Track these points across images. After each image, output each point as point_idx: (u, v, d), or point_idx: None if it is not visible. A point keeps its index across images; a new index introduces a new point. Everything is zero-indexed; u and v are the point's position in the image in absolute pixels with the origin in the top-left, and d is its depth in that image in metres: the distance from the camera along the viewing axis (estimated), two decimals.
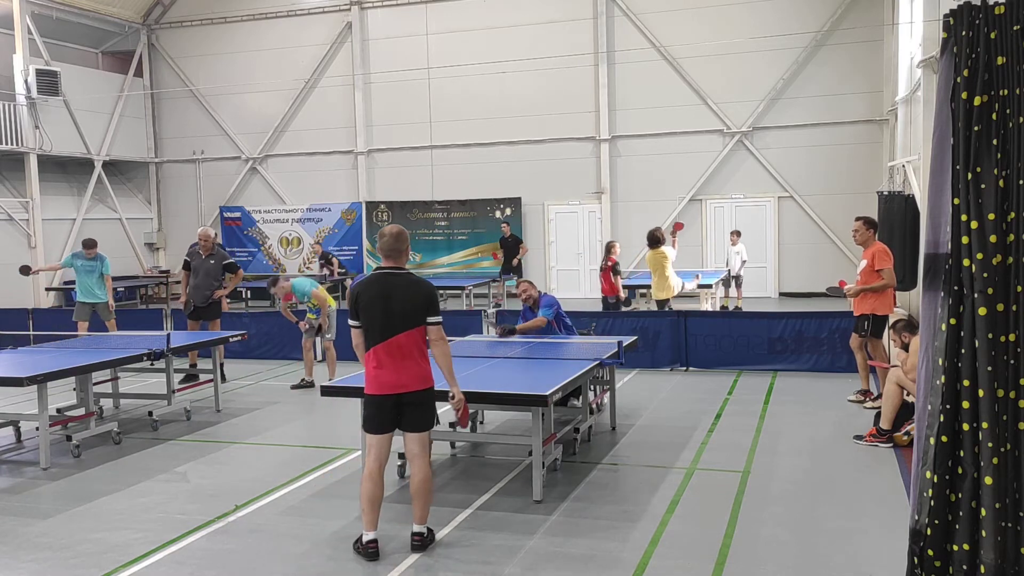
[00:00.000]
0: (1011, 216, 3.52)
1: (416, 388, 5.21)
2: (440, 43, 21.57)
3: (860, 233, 8.95)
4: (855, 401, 9.13)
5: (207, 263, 11.30)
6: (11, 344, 10.32)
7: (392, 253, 5.28)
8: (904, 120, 16.14)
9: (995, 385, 3.54)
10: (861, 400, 9.09)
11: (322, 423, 9.20)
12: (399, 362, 5.16)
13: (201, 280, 11.30)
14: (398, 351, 5.15)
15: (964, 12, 3.53)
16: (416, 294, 5.20)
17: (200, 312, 11.35)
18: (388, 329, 5.15)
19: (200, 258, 11.34)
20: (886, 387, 7.58)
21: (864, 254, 8.90)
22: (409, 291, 5.20)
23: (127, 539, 5.71)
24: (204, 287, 11.31)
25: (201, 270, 11.30)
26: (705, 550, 5.30)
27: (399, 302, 5.16)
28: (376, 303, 5.17)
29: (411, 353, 5.18)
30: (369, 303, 5.19)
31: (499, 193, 21.49)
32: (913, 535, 3.75)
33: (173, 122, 24.30)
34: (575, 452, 7.49)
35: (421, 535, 5.34)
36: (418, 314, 5.19)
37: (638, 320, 11.85)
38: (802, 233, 19.75)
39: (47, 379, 7.41)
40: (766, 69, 19.63)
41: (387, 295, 5.16)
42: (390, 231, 5.29)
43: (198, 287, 11.31)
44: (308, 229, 23.10)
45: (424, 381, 5.26)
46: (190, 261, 11.41)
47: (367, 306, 5.20)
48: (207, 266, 11.32)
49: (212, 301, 11.36)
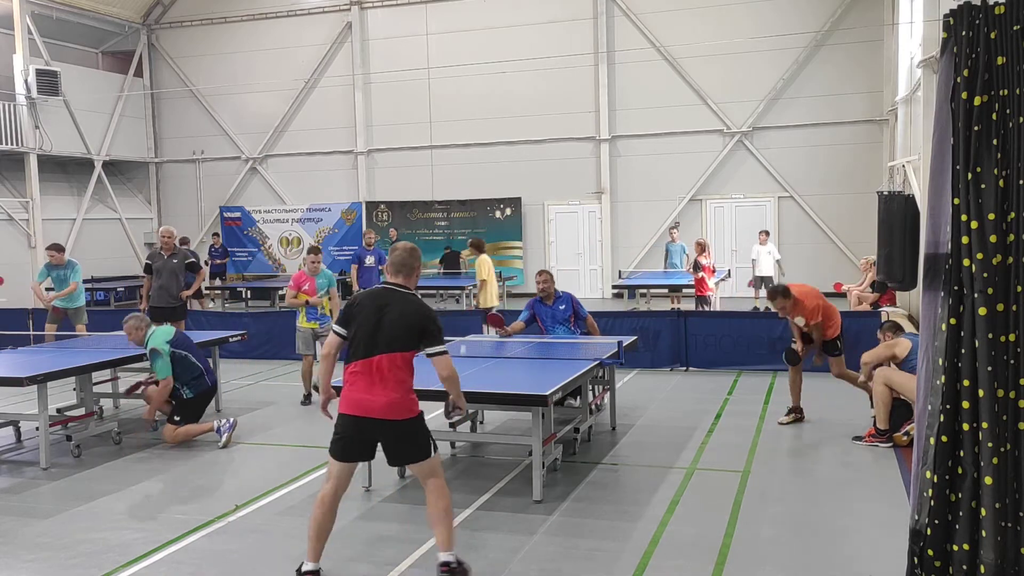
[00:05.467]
0: (1011, 216, 3.52)
1: (388, 417, 4.72)
2: (440, 43, 21.57)
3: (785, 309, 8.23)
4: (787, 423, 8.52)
5: (170, 263, 11.05)
6: (11, 344, 10.31)
7: (402, 268, 4.89)
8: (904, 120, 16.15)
9: (995, 385, 3.54)
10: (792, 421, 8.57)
11: (322, 423, 9.16)
12: (374, 384, 4.71)
13: (166, 280, 11.03)
14: (376, 373, 4.72)
15: (964, 12, 3.53)
16: (415, 315, 4.80)
17: (166, 314, 10.81)
18: (374, 346, 4.73)
19: (162, 259, 11.08)
20: (875, 388, 7.60)
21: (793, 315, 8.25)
22: (408, 312, 4.79)
23: (127, 539, 5.71)
24: (169, 287, 11.04)
25: (164, 271, 11.03)
26: (705, 550, 5.30)
27: (394, 322, 4.74)
28: (370, 316, 4.77)
29: (388, 379, 4.72)
30: (367, 315, 4.79)
31: (499, 193, 21.49)
32: (913, 535, 3.75)
33: (173, 122, 24.30)
34: (575, 452, 7.49)
35: (449, 564, 4.78)
36: (409, 337, 4.77)
37: (638, 320, 11.86)
38: (802, 233, 19.74)
39: (47, 379, 7.42)
40: (766, 69, 19.63)
41: (382, 311, 4.77)
42: (404, 246, 4.95)
43: (163, 288, 11.00)
44: (308, 229, 23.10)
45: (401, 410, 4.76)
46: (151, 264, 11.10)
47: (362, 318, 4.80)
48: (171, 266, 11.08)
49: (179, 302, 11.14)
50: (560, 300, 8.78)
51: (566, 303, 8.78)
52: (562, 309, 8.73)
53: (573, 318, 8.77)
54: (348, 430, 4.80)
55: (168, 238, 11.14)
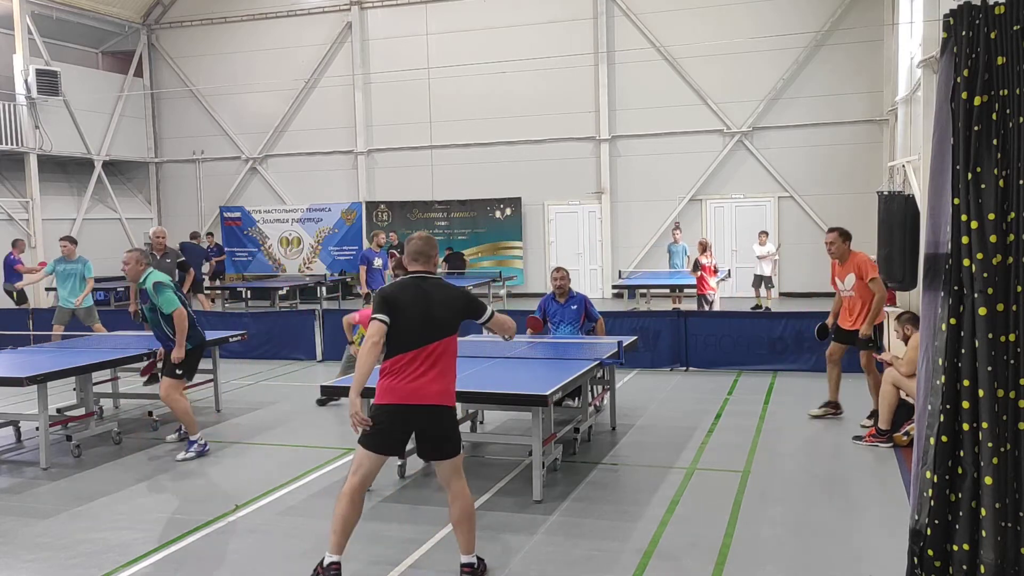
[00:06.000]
0: (1011, 216, 3.51)
1: (440, 403, 4.79)
2: (440, 43, 21.57)
3: (837, 245, 8.16)
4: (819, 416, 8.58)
5: (163, 264, 10.96)
6: (11, 344, 10.31)
7: (420, 257, 4.96)
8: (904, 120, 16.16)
9: (995, 385, 3.54)
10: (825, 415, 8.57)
11: (322, 423, 9.19)
12: (428, 371, 4.74)
13: None
14: (431, 359, 4.76)
15: (964, 12, 3.53)
16: (456, 298, 4.95)
17: None
18: (427, 335, 4.76)
19: (155, 259, 10.98)
20: (882, 387, 7.58)
21: (845, 267, 8.15)
22: (449, 296, 4.93)
23: (127, 539, 5.71)
24: None
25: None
26: (705, 550, 5.29)
27: (440, 307, 4.83)
28: (417, 304, 4.78)
29: (440, 363, 4.80)
30: (409, 305, 4.78)
31: (499, 193, 21.49)
32: (913, 535, 3.75)
33: (173, 122, 24.30)
34: (575, 452, 7.49)
35: (472, 566, 4.86)
36: (457, 320, 4.92)
37: (638, 320, 11.86)
38: (802, 233, 19.74)
39: (47, 379, 7.41)
40: (766, 69, 19.63)
41: (429, 298, 4.82)
42: (420, 235, 5.05)
43: None
44: (308, 229, 23.11)
45: (450, 397, 4.88)
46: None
47: (406, 307, 4.77)
48: (163, 266, 10.99)
49: None
50: (573, 300, 8.78)
51: (579, 304, 8.77)
52: (574, 309, 8.73)
53: (584, 318, 8.76)
54: (392, 420, 4.74)
55: (160, 238, 11.05)
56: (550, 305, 8.81)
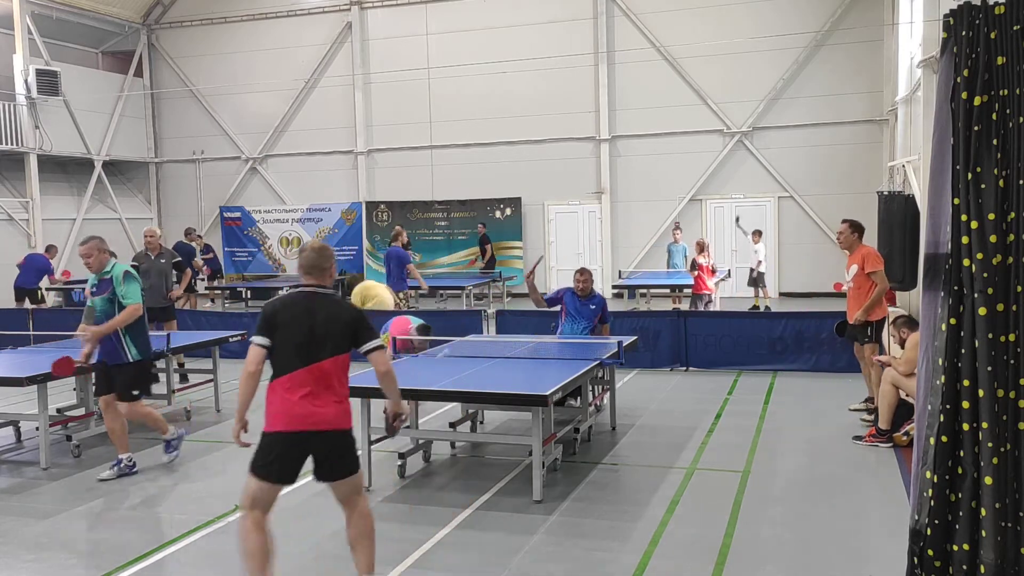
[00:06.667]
0: (1011, 216, 3.52)
1: (336, 427, 4.44)
2: (440, 43, 21.57)
3: (845, 236, 8.50)
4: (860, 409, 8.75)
5: (158, 263, 10.87)
6: (11, 344, 10.31)
7: (313, 270, 4.60)
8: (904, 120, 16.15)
9: (995, 385, 3.54)
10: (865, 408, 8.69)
11: None
12: (319, 393, 4.41)
13: (155, 280, 10.71)
14: (322, 379, 4.43)
15: (964, 12, 3.53)
16: (340, 318, 4.53)
17: (157, 314, 10.43)
18: (313, 353, 4.43)
19: (149, 259, 10.89)
20: (881, 387, 7.58)
21: (851, 258, 8.48)
22: (336, 313, 4.54)
23: (127, 539, 5.71)
24: (159, 287, 10.79)
25: (153, 271, 10.75)
26: (705, 550, 5.30)
27: (324, 325, 4.46)
28: (300, 322, 4.46)
29: (331, 384, 4.46)
30: (291, 322, 4.47)
31: (499, 193, 21.49)
32: (913, 535, 3.75)
33: (173, 122, 24.30)
34: (575, 452, 7.49)
35: None
36: (346, 339, 4.51)
37: (638, 320, 11.85)
38: (802, 233, 19.75)
39: (47, 379, 7.40)
40: (766, 69, 19.63)
41: (312, 315, 4.48)
42: (312, 246, 4.68)
43: (153, 288, 10.50)
44: (308, 229, 23.09)
45: (347, 419, 4.51)
46: (138, 265, 10.67)
47: (287, 325, 4.47)
48: (158, 266, 10.90)
49: (169, 302, 11.01)
50: (594, 300, 8.75)
51: (597, 305, 8.75)
52: (592, 308, 8.72)
53: (599, 319, 8.76)
54: (287, 449, 4.41)
55: (152, 238, 10.96)
56: (571, 298, 8.78)
